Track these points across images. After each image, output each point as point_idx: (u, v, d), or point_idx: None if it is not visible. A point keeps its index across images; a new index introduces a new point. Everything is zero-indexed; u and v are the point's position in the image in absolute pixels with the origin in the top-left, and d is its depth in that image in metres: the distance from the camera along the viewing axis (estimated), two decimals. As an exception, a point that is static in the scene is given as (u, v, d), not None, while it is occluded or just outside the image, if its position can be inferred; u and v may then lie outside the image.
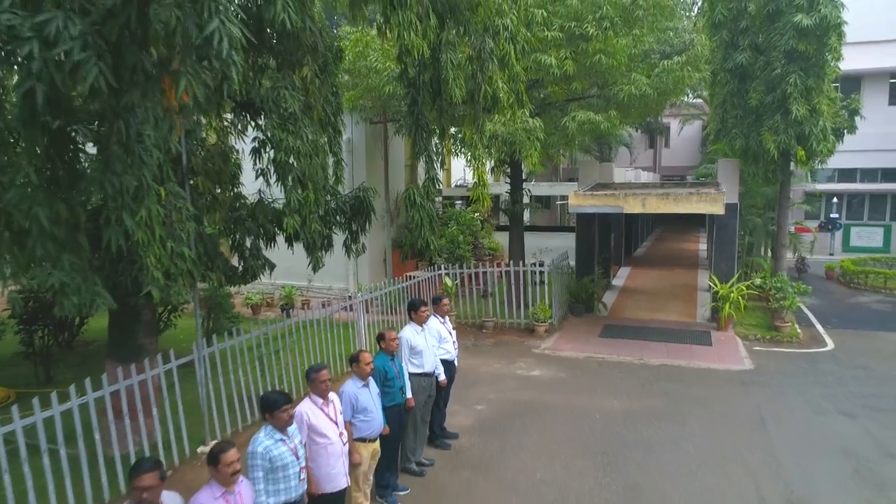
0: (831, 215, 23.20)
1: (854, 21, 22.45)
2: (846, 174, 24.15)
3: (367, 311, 10.07)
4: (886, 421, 7.78)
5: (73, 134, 3.97)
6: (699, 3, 14.86)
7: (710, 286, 12.48)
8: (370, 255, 13.66)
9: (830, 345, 11.43)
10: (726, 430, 7.53)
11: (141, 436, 6.18)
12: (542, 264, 12.25)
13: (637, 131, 28.36)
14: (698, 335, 11.83)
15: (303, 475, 4.19)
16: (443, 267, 12.50)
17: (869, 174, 23.91)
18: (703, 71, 11.30)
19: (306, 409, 4.56)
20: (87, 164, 3.99)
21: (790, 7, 10.27)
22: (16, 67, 3.65)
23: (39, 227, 3.73)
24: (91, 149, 4.97)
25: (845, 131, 15.17)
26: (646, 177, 24.14)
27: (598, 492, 6.07)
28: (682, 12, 13.57)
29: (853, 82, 23.84)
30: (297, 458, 4.14)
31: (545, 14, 10.43)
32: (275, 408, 4.05)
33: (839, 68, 11.13)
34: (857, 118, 15.48)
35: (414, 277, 11.75)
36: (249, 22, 4.39)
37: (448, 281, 12.30)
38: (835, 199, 23.33)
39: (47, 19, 3.29)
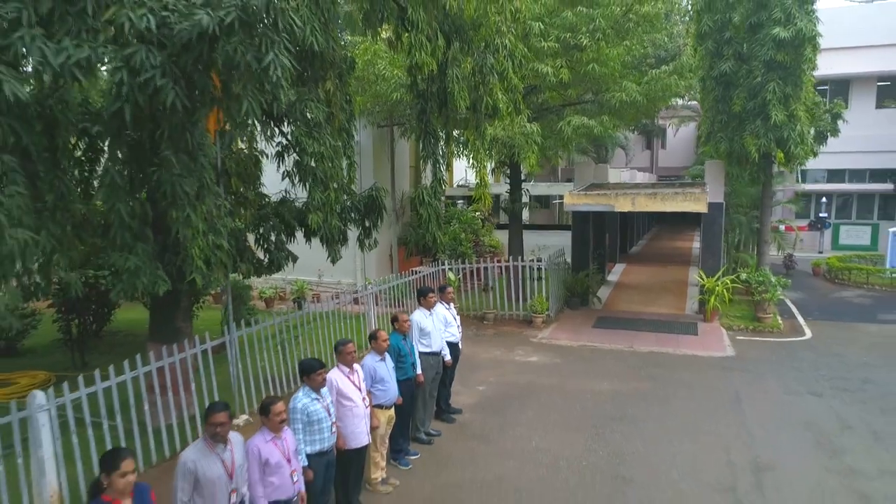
0: (820, 214, 23.97)
1: (843, 27, 23.40)
2: (835, 175, 24.94)
3: (377, 304, 10.87)
4: (849, 399, 8.58)
5: (147, 145, 4.75)
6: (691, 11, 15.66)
7: (697, 280, 13.28)
8: (377, 252, 14.42)
9: (809, 334, 12.22)
10: (705, 408, 8.32)
11: (181, 409, 6.96)
12: (539, 260, 13.05)
13: (634, 133, 29.14)
14: (686, 326, 12.62)
15: (333, 429, 4.98)
16: (446, 262, 13.29)
17: (857, 175, 24.69)
18: (688, 79, 12.10)
19: (335, 376, 5.35)
20: (155, 169, 4.77)
21: (769, 20, 11.06)
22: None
23: (120, 219, 4.52)
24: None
25: (828, 134, 15.99)
26: (641, 177, 24.93)
27: (587, 457, 6.86)
28: (678, 17, 14.32)
29: (842, 86, 24.66)
30: (329, 414, 4.94)
31: (542, 26, 11.22)
32: (311, 371, 4.85)
33: (814, 77, 11.89)
34: (839, 122, 16.30)
35: (418, 272, 12.55)
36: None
37: (451, 275, 13.09)
38: (824, 199, 24.10)
39: (133, 52, 4.09)
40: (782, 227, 22.50)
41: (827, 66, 23.33)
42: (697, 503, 5.88)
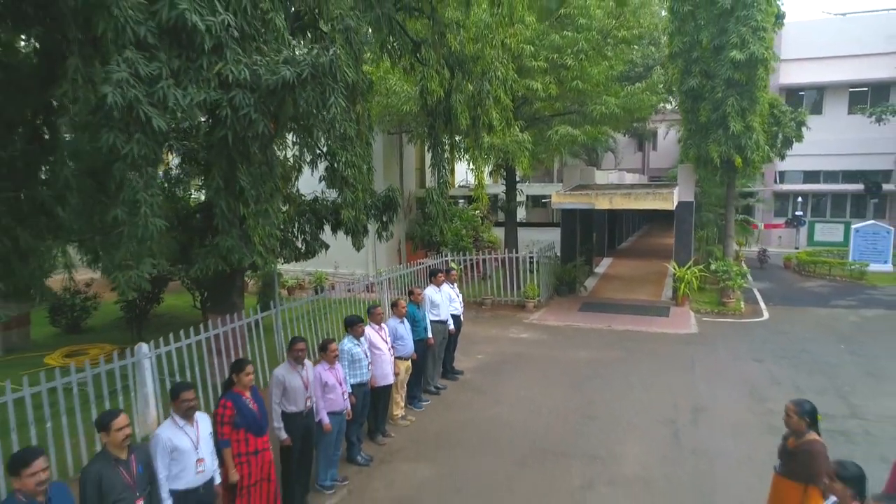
0: (796, 213, 25.73)
1: (818, 39, 25.19)
2: (811, 176, 26.73)
3: (390, 289, 12.62)
4: (785, 364, 10.35)
5: (235, 158, 6.48)
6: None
7: (670, 270, 15.05)
8: (387, 245, 16.25)
9: (766, 316, 13.99)
10: (663, 370, 10.09)
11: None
12: (531, 254, 14.80)
13: (624, 136, 30.88)
14: (660, 309, 14.39)
15: (369, 368, 6.75)
16: (449, 255, 15.05)
17: (831, 176, 26.48)
18: (660, 94, 13.86)
19: (369, 331, 7.11)
20: (241, 175, 6.51)
21: (728, 44, 12.81)
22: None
23: (222, 212, 6.29)
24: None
25: (794, 139, 17.76)
26: (630, 178, 26.66)
27: (564, 403, 8.63)
28: (647, 41, 16.08)
29: (817, 93, 26.45)
30: (366, 356, 6.70)
31: (532, 48, 12.99)
32: (354, 324, 6.63)
33: (771, 92, 13.64)
34: (804, 128, 18.06)
35: (422, 263, 14.30)
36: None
37: (454, 265, 14.85)
38: (799, 199, 25.86)
39: (234, 95, 5.86)
40: (761, 225, 24.31)
41: (803, 75, 25.23)
42: (645, 431, 7.64)
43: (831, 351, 11.20)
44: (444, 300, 9.10)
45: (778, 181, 26.94)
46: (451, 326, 9.28)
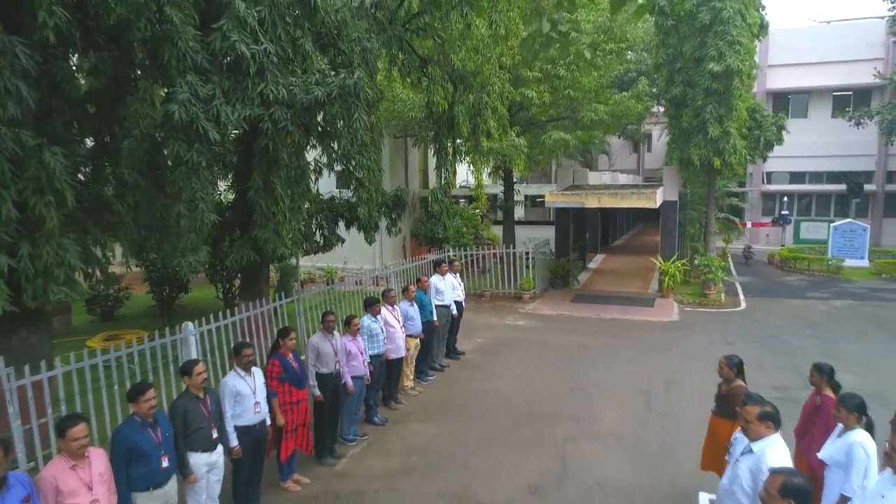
0: (783, 212, 26.83)
1: (803, 46, 26.32)
2: (797, 177, 27.90)
3: (397, 280, 13.79)
4: (753, 347, 11.52)
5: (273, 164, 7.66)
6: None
7: (657, 264, 16.22)
8: (392, 242, 17.43)
9: (744, 307, 15.16)
10: (644, 352, 11.26)
11: (261, 349, 9.86)
12: (527, 251, 15.97)
13: (619, 138, 32.05)
14: (646, 300, 15.56)
15: (385, 341, 7.92)
16: (451, 250, 16.21)
17: (816, 177, 27.65)
18: (644, 102, 15.03)
19: (384, 311, 8.28)
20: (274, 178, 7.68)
21: (707, 56, 13.98)
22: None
23: (261, 209, 7.46)
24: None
25: (774, 142, 18.92)
26: (624, 178, 27.79)
27: (553, 378, 9.80)
28: (632, 54, 17.27)
29: (803, 97, 27.61)
30: (382, 331, 7.88)
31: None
32: (372, 304, 7.80)
33: (743, 101, 14.80)
34: (784, 132, 19.20)
35: (426, 258, 15.46)
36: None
37: (454, 258, 16.01)
38: (785, 199, 26.99)
39: (274, 111, 7.04)
40: (749, 223, 25.44)
41: (789, 80, 26.40)
42: (622, 399, 8.81)
43: (797, 336, 12.37)
44: (448, 288, 10.27)
45: (765, 182, 28.11)
46: (454, 311, 10.45)
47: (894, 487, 3.59)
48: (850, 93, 26.68)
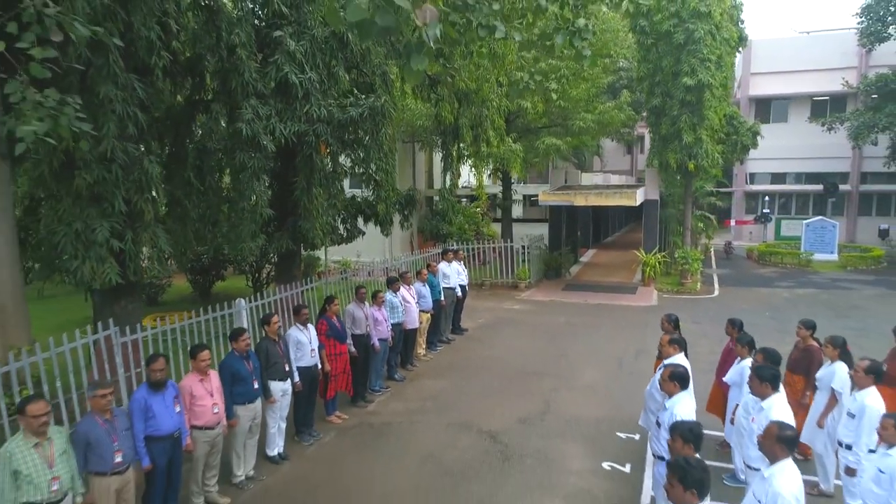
0: (764, 210, 28.64)
1: (783, 55, 28.15)
2: (778, 177, 29.71)
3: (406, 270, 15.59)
4: (716, 324, 13.26)
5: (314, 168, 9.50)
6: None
7: (639, 256, 18.03)
8: (400, 237, 19.24)
9: (716, 294, 16.98)
10: (622, 329, 13.07)
11: (286, 324, 11.67)
12: (524, 246, 17.78)
13: (612, 141, 33.84)
14: (629, 288, 17.37)
15: (404, 313, 9.73)
16: (455, 244, 18.02)
17: (796, 178, 29.46)
18: (626, 112, 16.85)
19: (402, 289, 10.09)
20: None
21: (682, 72, 15.78)
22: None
23: (304, 205, 9.31)
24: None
25: (750, 146, 20.71)
26: (616, 179, 29.62)
27: (543, 348, 11.61)
28: (617, 67, 19.10)
29: (783, 103, 29.41)
30: (401, 305, 9.69)
31: (526, 57, 15.96)
32: (393, 282, 9.62)
33: (715, 111, 16.58)
34: (759, 137, 20.97)
35: (431, 252, 17.27)
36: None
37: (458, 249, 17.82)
38: (766, 198, 28.80)
39: (316, 126, 8.87)
40: (733, 221, 27.21)
41: (770, 87, 28.20)
42: (598, 363, 10.62)
43: (758, 318, 14.16)
44: (454, 273, 12.09)
45: (748, 182, 29.92)
46: (459, 293, 12.27)
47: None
48: (827, 98, 28.48)
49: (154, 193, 7.95)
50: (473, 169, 13.89)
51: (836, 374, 5.92)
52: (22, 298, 7.87)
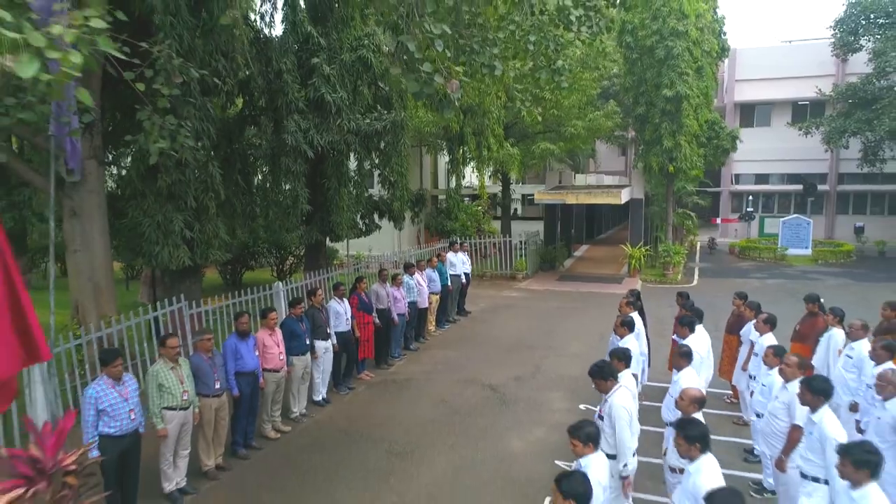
0: (748, 209, 30.42)
1: (765, 63, 29.94)
2: (761, 178, 31.51)
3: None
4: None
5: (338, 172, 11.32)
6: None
7: (625, 250, 19.84)
8: (408, 233, 21.06)
9: (695, 283, 18.78)
10: (604, 312, 14.82)
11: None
12: (522, 241, 19.59)
13: (607, 144, 35.65)
14: (616, 279, 19.18)
15: (418, 294, 11.53)
16: (458, 239, 19.82)
17: (778, 178, 31.26)
18: (613, 119, 18.66)
19: (416, 274, 11.89)
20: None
21: (662, 84, 17.59)
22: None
23: (335, 203, 11.13)
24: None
25: (729, 150, 22.51)
26: (610, 179, 31.36)
27: (536, 326, 13.43)
28: (605, 80, 20.93)
29: (766, 108, 31.21)
30: (415, 286, 11.49)
31: (519, 87, 17.78)
32: (409, 267, 11.43)
33: (693, 119, 18.37)
34: (738, 141, 22.78)
35: (436, 247, 19.08)
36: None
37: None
38: (750, 197, 30.58)
39: (346, 137, 10.69)
40: (719, 219, 29.00)
41: (754, 93, 29.99)
42: (583, 337, 12.44)
43: (728, 303, 15.94)
44: (459, 262, 13.92)
45: (734, 182, 31.73)
46: (463, 280, 14.10)
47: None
48: (808, 103, 30.27)
49: (216, 192, 9.76)
50: (476, 171, 15.70)
51: (751, 330, 7.75)
52: (111, 279, 9.69)
